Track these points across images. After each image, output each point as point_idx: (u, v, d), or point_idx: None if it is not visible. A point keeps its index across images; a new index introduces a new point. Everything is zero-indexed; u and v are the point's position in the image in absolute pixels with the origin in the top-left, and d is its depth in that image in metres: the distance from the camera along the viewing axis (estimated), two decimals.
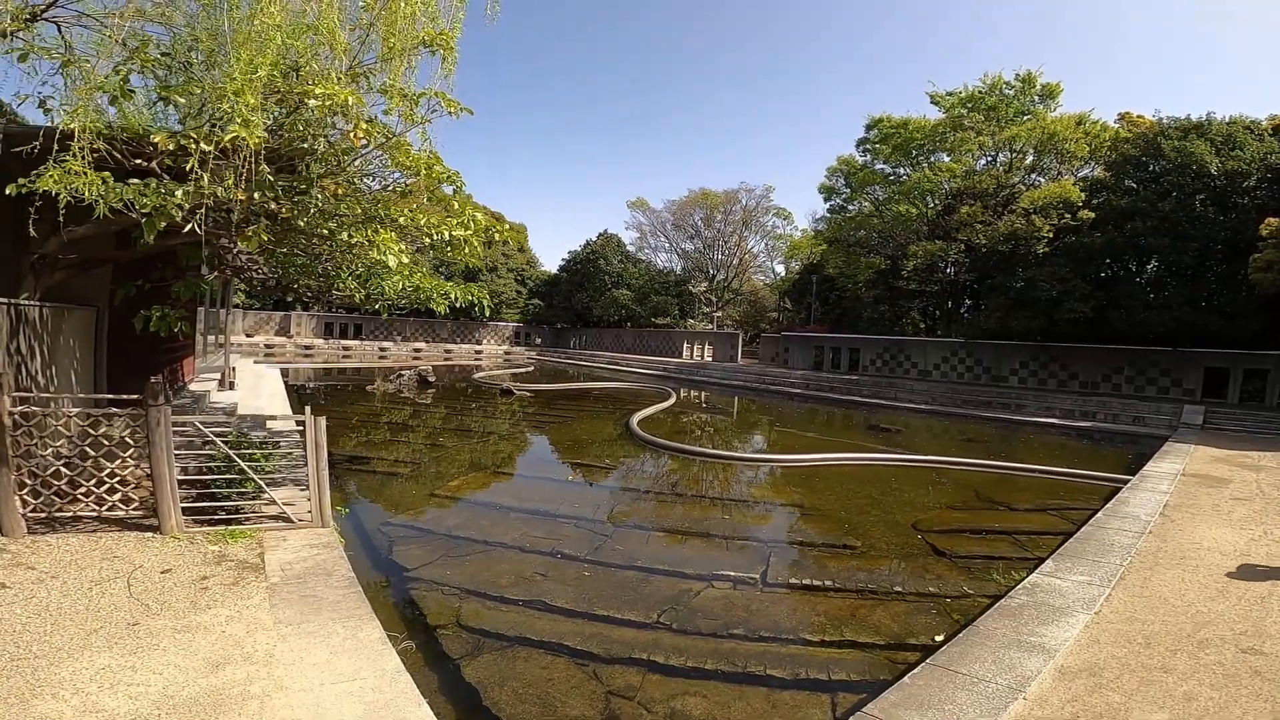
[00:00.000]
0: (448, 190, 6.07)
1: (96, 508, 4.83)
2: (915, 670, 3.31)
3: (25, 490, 4.63)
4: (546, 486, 8.89)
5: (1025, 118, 25.35)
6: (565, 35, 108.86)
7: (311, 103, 3.79)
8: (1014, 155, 26.05)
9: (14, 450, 4.56)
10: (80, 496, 4.79)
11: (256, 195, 4.51)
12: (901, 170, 29.42)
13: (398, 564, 5.51)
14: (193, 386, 10.21)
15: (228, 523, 5.22)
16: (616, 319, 44.93)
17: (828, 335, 34.39)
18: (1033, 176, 26.77)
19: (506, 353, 44.84)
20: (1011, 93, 25.33)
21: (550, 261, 52.72)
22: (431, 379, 21.93)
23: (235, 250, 5.99)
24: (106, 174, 4.05)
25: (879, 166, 29.08)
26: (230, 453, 5.14)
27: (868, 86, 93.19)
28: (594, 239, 47.35)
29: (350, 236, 4.66)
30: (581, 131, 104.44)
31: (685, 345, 40.58)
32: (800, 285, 39.93)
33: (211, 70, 4.27)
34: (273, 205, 4.42)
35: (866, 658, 4.06)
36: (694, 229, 47.40)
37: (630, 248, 49.05)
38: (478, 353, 43.30)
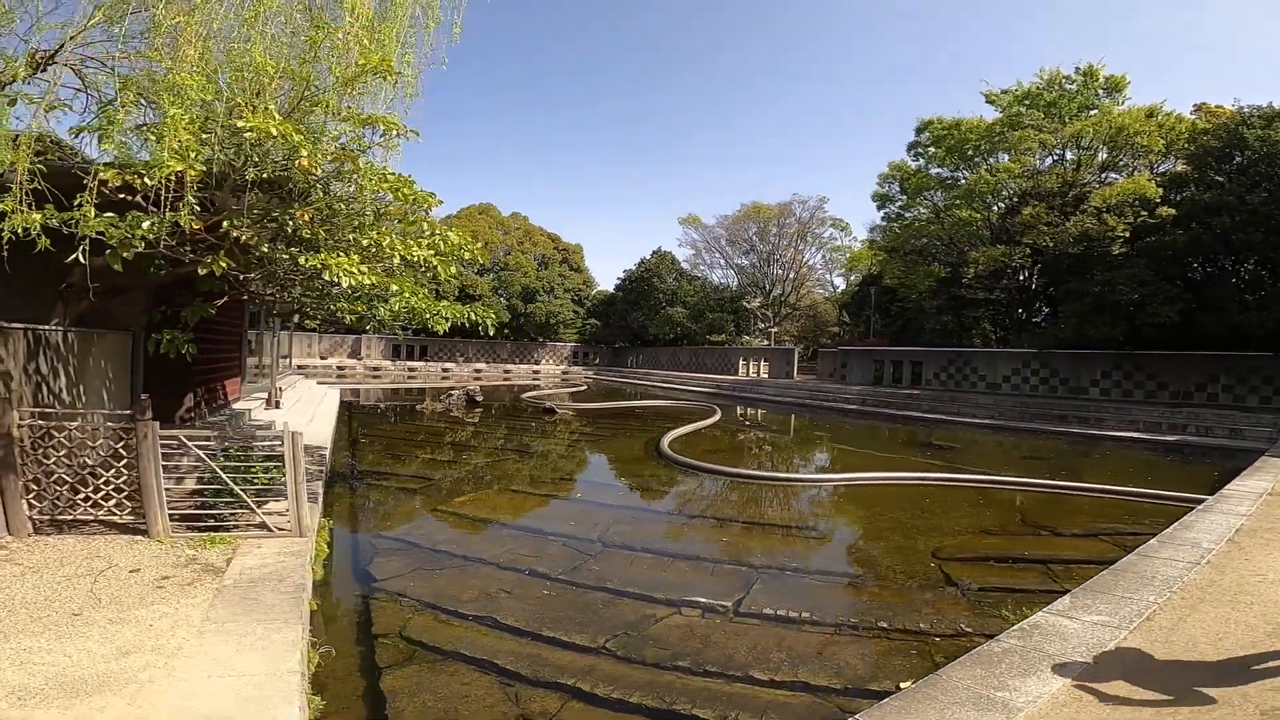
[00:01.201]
0: (436, 213, 6.29)
1: (93, 512, 5.23)
2: None
3: (32, 495, 5.08)
4: (551, 504, 8.92)
5: (1091, 113, 23.68)
6: (597, 53, 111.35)
7: (248, 135, 4.05)
8: (1082, 152, 24.34)
9: (22, 460, 5.03)
10: (79, 502, 5.20)
11: (225, 224, 4.83)
12: (961, 174, 28.10)
13: (370, 574, 5.65)
14: (238, 405, 10.93)
15: (215, 530, 5.53)
16: (672, 337, 44.93)
17: (887, 348, 33.03)
18: (1107, 175, 24.91)
19: (564, 372, 45.65)
20: (1073, 87, 23.77)
21: (607, 281, 53.46)
22: (479, 398, 22.59)
23: (243, 277, 6.40)
24: (87, 208, 4.45)
25: (934, 171, 27.88)
26: (213, 465, 5.45)
27: (913, 92, 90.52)
28: (648, 257, 47.72)
29: (306, 261, 4.90)
30: (629, 149, 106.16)
31: (741, 362, 40.00)
32: (859, 298, 38.65)
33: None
34: (235, 233, 4.72)
35: (811, 704, 3.71)
36: (749, 244, 46.94)
37: (685, 265, 49.14)
38: (535, 373, 44.30)
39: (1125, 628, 3.99)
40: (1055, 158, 25.71)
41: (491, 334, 7.25)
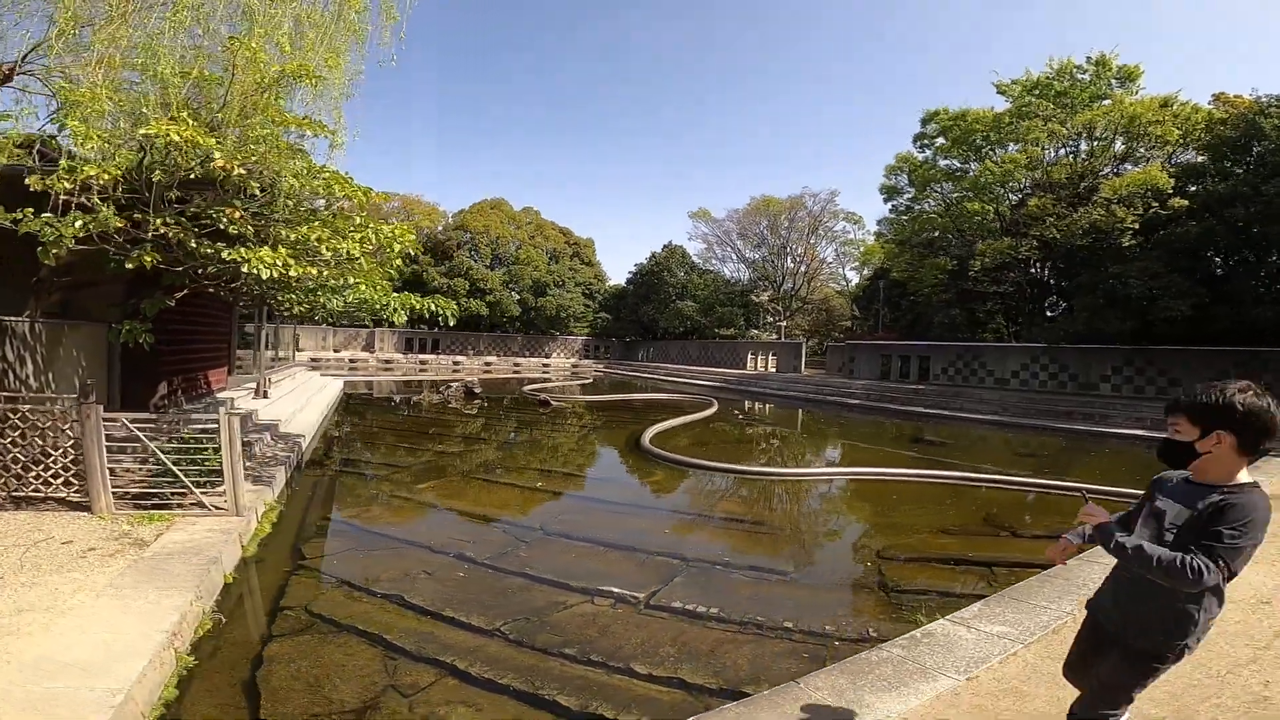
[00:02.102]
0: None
1: (44, 490, 5.59)
2: None
3: None
4: (508, 492, 9.13)
5: (1103, 103, 23.06)
6: (607, 50, 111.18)
7: (158, 140, 4.31)
8: (1096, 143, 23.71)
9: None
10: (31, 480, 5.57)
11: (157, 221, 5.12)
12: (970, 165, 27.59)
13: (302, 553, 5.92)
14: (224, 395, 11.38)
15: (159, 508, 5.87)
16: (682, 331, 44.96)
17: (895, 343, 32.67)
18: (1123, 166, 24.24)
19: (574, 365, 46.01)
20: (1085, 77, 23.13)
21: (619, 275, 53.69)
22: (478, 390, 22.99)
23: (179, 269, 6.64)
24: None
25: (942, 163, 27.42)
26: (152, 447, 5.77)
27: (923, 86, 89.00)
28: (659, 251, 47.76)
29: (227, 255, 5.16)
30: (634, 143, 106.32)
31: (749, 356, 39.91)
32: (869, 292, 38.22)
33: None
34: (163, 229, 5.00)
35: (679, 702, 3.71)
36: (759, 238, 46.68)
37: (696, 259, 49.06)
38: (545, 365, 44.74)
39: (1024, 640, 3.83)
40: (1069, 149, 25.11)
41: (399, 323, 7.52)
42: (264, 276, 5.16)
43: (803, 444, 17.37)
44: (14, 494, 5.59)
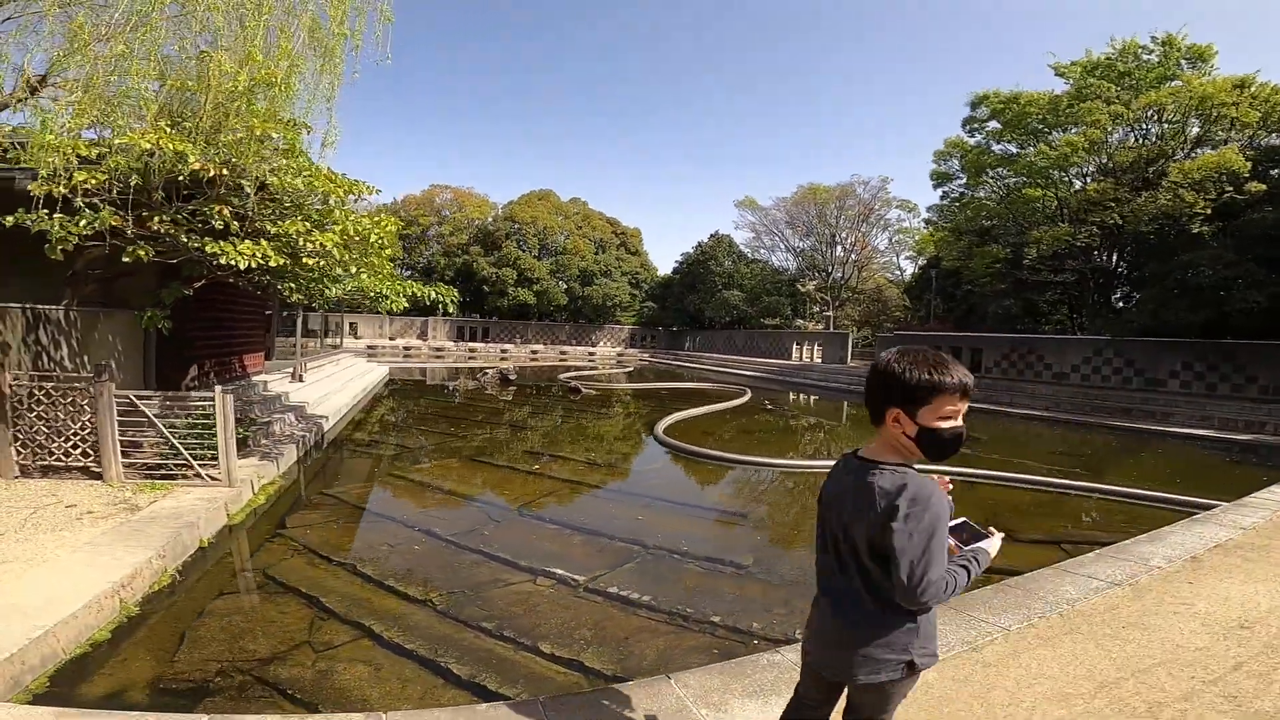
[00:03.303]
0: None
1: (64, 460, 6.32)
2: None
3: (19, 444, 6.23)
4: (503, 474, 9.50)
5: (1172, 84, 21.35)
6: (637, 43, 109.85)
7: (144, 145, 4.81)
8: (1167, 126, 21.95)
9: (12, 413, 6.17)
10: (54, 450, 6.30)
11: (154, 219, 5.68)
12: (1030, 149, 26.09)
13: (284, 522, 6.45)
14: (259, 379, 12.28)
15: (165, 478, 6.52)
16: (728, 320, 44.66)
17: (945, 334, 31.43)
18: (1198, 150, 22.35)
19: (619, 354, 46.50)
20: (1151, 58, 21.46)
21: (666, 264, 53.71)
22: (513, 377, 23.69)
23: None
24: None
25: (995, 147, 26.05)
26: (158, 424, 6.41)
27: (969, 72, 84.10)
28: (705, 240, 47.48)
29: (209, 248, 5.67)
30: (681, 134, 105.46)
31: (795, 346, 39.25)
32: (921, 281, 36.79)
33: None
34: (156, 226, 5.56)
35: (569, 682, 3.78)
36: (808, 226, 45.63)
37: (744, 248, 48.50)
38: (591, 354, 45.42)
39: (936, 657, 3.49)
40: (1136, 132, 23.38)
41: (397, 310, 7.97)
42: (241, 267, 5.65)
43: (821, 434, 17.09)
44: (38, 463, 6.34)
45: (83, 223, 5.37)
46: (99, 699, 3.18)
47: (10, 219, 5.33)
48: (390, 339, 41.37)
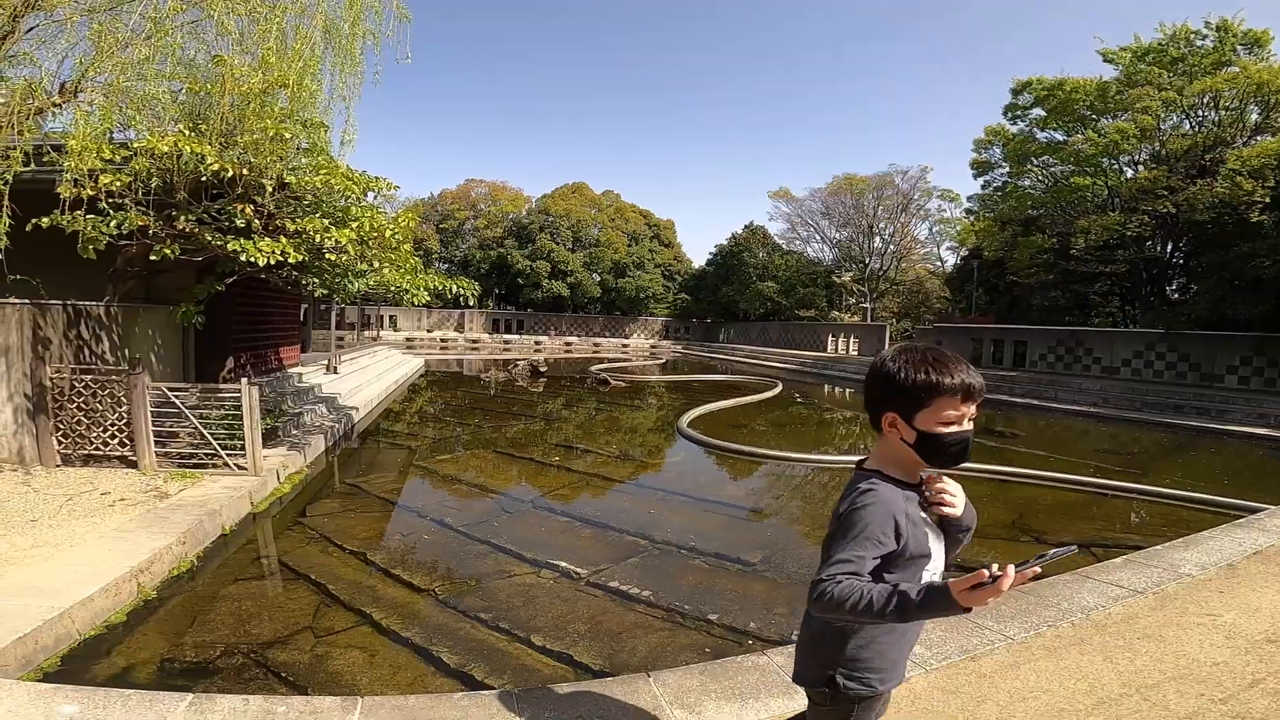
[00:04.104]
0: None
1: (102, 449, 6.69)
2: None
3: (60, 433, 6.62)
4: (521, 465, 9.65)
5: (1228, 69, 20.23)
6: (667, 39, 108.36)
7: (163, 148, 5.05)
8: (1224, 112, 20.75)
9: (54, 405, 6.56)
10: (92, 440, 6.68)
11: (181, 219, 5.94)
12: (1080, 135, 24.97)
13: (304, 511, 6.69)
14: (294, 370, 12.74)
15: (197, 467, 6.85)
16: (762, 312, 44.18)
17: (988, 326, 30.40)
18: (1259, 137, 21.08)
19: (652, 346, 46.52)
20: (1205, 43, 20.35)
21: (700, 256, 53.43)
22: (543, 369, 23.96)
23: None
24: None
25: (1040, 135, 25.01)
26: (189, 414, 6.72)
27: (1006, 58, 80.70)
28: (739, 231, 47.00)
29: (229, 245, 5.91)
30: (715, 123, 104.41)
31: (829, 338, 38.58)
32: (962, 272, 35.63)
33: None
34: (182, 226, 5.82)
35: (555, 675, 3.77)
36: (844, 217, 44.67)
37: (779, 240, 47.84)
38: (625, 346, 45.57)
39: (924, 666, 3.33)
40: (1192, 119, 22.17)
41: (419, 302, 8.18)
42: (261, 264, 5.87)
43: (854, 429, 16.77)
44: (79, 452, 6.73)
45: (112, 223, 5.66)
46: (105, 679, 3.38)
47: (46, 220, 5.65)
48: (428, 331, 42.33)
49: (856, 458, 1.81)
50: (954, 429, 1.48)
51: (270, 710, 2.74)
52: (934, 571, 1.57)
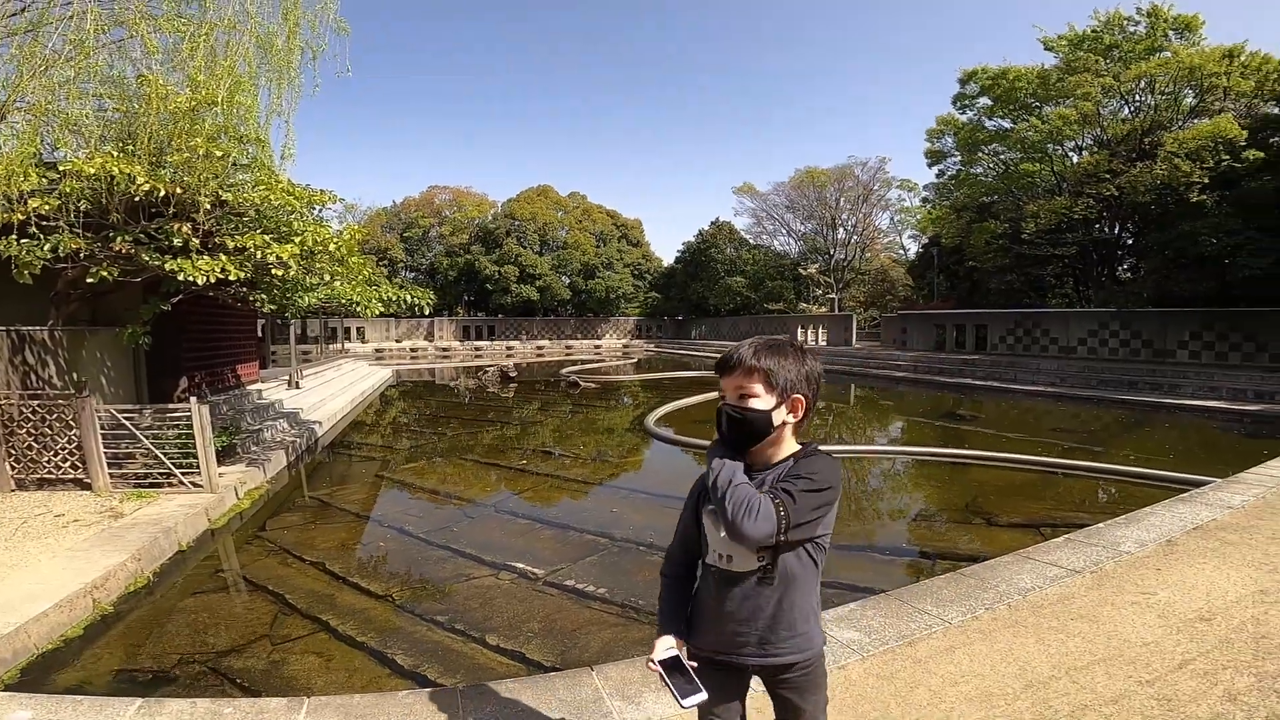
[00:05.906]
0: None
1: (55, 472, 6.63)
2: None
3: (12, 459, 6.54)
4: (484, 471, 9.73)
5: (1160, 55, 21.08)
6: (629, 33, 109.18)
7: (90, 170, 5.05)
8: (1161, 97, 21.63)
9: (4, 430, 6.48)
10: (44, 464, 6.61)
11: (117, 240, 5.93)
12: (1022, 123, 25.81)
13: (264, 525, 6.71)
14: (254, 387, 12.61)
15: (152, 486, 6.81)
16: (732, 307, 44.66)
17: (949, 312, 31.20)
18: (1194, 120, 22.05)
19: (625, 346, 46.69)
20: (1137, 29, 21.20)
21: (668, 254, 53.77)
22: (513, 374, 23.95)
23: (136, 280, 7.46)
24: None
25: (988, 123, 25.78)
26: (138, 434, 6.69)
27: (957, 48, 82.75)
28: (706, 228, 47.44)
29: (166, 265, 5.92)
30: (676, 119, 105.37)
31: (799, 330, 39.16)
32: (924, 260, 36.47)
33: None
34: (119, 247, 5.81)
35: (509, 672, 3.85)
36: (808, 209, 45.39)
37: (746, 235, 48.38)
38: (597, 347, 45.64)
39: (861, 653, 3.35)
40: (1130, 104, 23.07)
41: (372, 314, 8.22)
42: (200, 282, 5.89)
43: (822, 419, 17.13)
44: (32, 476, 6.66)
45: (46, 247, 5.63)
46: (62, 689, 3.43)
47: None
48: (398, 341, 41.90)
49: (825, 446, 1.88)
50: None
51: (217, 712, 2.84)
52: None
